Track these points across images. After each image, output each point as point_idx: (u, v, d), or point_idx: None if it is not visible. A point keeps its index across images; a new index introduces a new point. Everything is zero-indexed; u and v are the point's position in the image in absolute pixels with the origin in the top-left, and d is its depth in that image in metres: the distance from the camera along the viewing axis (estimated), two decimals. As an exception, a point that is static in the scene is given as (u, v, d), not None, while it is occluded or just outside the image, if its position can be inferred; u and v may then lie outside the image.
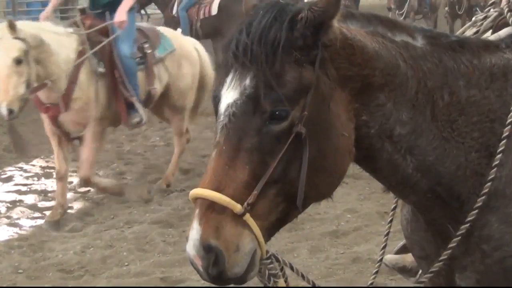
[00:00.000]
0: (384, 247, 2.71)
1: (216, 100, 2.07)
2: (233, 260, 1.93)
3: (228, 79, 2.03)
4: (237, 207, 1.92)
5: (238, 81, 2.01)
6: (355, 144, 2.15)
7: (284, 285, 2.10)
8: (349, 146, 2.12)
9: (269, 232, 2.04)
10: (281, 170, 1.98)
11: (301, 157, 1.98)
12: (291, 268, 2.19)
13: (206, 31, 13.28)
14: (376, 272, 2.68)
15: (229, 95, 2.02)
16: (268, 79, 1.96)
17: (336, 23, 2.07)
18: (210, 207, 1.94)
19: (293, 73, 1.99)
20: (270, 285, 2.05)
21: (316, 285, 2.41)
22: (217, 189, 1.94)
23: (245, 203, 1.93)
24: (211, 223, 1.93)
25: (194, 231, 1.93)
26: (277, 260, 2.08)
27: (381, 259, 2.73)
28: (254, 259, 1.97)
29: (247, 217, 1.93)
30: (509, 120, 2.29)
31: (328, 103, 2.05)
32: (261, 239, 1.97)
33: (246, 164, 1.96)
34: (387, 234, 2.72)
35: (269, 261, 2.04)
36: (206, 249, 1.91)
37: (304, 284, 2.39)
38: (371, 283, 2.69)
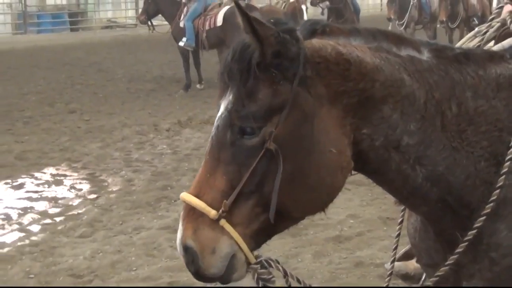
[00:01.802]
0: (394, 259, 2.71)
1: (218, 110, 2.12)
2: (208, 261, 2.01)
3: (224, 94, 2.09)
4: (212, 213, 1.99)
5: (226, 96, 2.07)
6: (360, 157, 2.16)
7: None
8: (340, 162, 2.11)
9: (256, 239, 2.07)
10: (256, 182, 2.02)
11: (275, 172, 2.00)
12: (285, 273, 2.17)
13: (212, 42, 13.34)
14: (389, 281, 2.69)
15: (220, 108, 2.08)
16: (241, 96, 2.01)
17: (331, 42, 2.11)
18: (191, 211, 2.03)
19: (266, 91, 2.02)
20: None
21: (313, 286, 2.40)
22: (197, 195, 2.03)
23: (220, 210, 1.99)
24: (190, 226, 2.03)
25: (178, 232, 2.05)
26: (269, 266, 2.09)
27: (391, 272, 2.72)
28: (234, 263, 2.04)
29: (224, 223, 2.00)
30: None
31: (312, 120, 2.05)
32: (243, 245, 2.02)
33: (223, 174, 2.03)
34: (395, 248, 2.72)
35: (258, 266, 2.07)
36: (185, 248, 2.02)
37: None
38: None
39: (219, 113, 2.08)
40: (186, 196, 2.05)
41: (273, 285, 2.10)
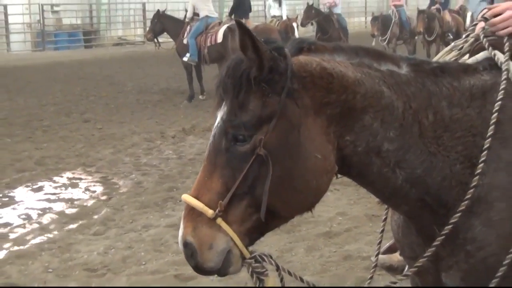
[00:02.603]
0: (378, 253, 2.71)
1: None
2: (206, 256, 2.04)
3: (220, 105, 2.11)
4: (209, 212, 2.02)
5: (222, 108, 2.09)
6: (344, 162, 2.17)
7: (273, 282, 2.12)
8: (325, 166, 2.12)
9: (250, 237, 2.09)
10: (248, 185, 2.04)
11: (265, 175, 2.02)
12: (277, 267, 2.20)
13: (213, 57, 13.37)
14: (373, 272, 2.68)
15: (217, 118, 2.11)
16: (234, 107, 2.04)
17: (316, 59, 2.13)
18: (191, 210, 2.07)
19: (256, 103, 2.04)
20: (253, 281, 2.10)
21: (309, 282, 2.40)
22: (196, 197, 2.06)
23: (217, 210, 2.02)
24: (190, 224, 2.06)
25: (180, 229, 2.09)
26: (263, 260, 2.11)
27: (375, 265, 2.72)
28: (229, 257, 2.06)
29: (220, 221, 2.03)
30: (489, 134, 2.28)
31: (298, 128, 2.06)
32: (238, 241, 2.05)
33: (219, 177, 2.06)
34: (380, 242, 2.72)
35: (252, 260, 2.09)
36: (184, 244, 2.06)
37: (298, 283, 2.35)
38: (369, 281, 2.69)
39: (216, 123, 2.10)
40: (187, 197, 2.08)
41: (267, 278, 2.11)
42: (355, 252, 5.32)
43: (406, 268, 2.63)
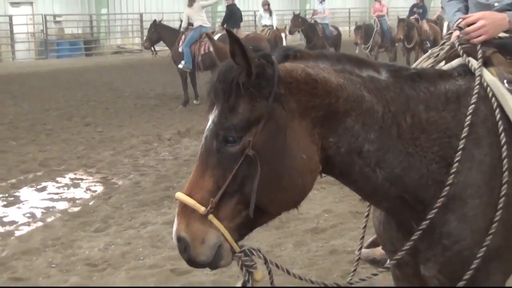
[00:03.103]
0: (361, 247, 2.72)
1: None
2: (198, 250, 2.04)
3: (211, 109, 2.12)
4: (201, 209, 2.02)
5: (213, 111, 2.10)
6: (328, 162, 2.17)
7: (261, 275, 2.12)
8: (310, 166, 2.13)
9: (239, 232, 2.09)
10: (238, 183, 2.04)
11: (254, 175, 2.02)
12: (265, 260, 2.20)
13: (206, 64, 13.37)
14: (356, 265, 2.71)
15: (209, 121, 2.11)
16: (224, 110, 2.04)
17: (301, 65, 2.14)
18: (184, 207, 2.06)
19: (245, 106, 2.04)
20: (243, 273, 2.10)
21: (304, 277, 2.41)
22: (189, 194, 2.06)
23: (208, 207, 2.02)
24: (183, 220, 2.05)
25: (174, 225, 2.08)
26: (252, 254, 2.11)
27: (358, 258, 2.75)
28: (220, 251, 2.06)
29: (212, 218, 2.02)
30: (463, 135, 2.30)
31: (284, 130, 2.07)
32: (228, 237, 2.05)
33: (211, 176, 2.06)
34: (362, 237, 2.73)
35: (241, 254, 2.09)
36: (178, 239, 2.05)
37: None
38: (353, 274, 2.69)
39: (207, 125, 2.11)
40: (180, 195, 2.08)
41: (256, 271, 2.11)
42: (340, 247, 5.33)
43: (388, 261, 2.65)
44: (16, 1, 25.50)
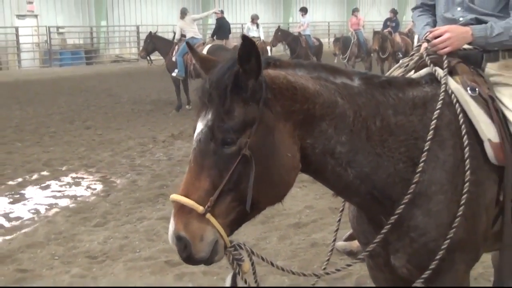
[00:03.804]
0: (335, 239, 2.73)
1: (194, 130, 2.10)
2: (198, 247, 1.98)
3: (202, 114, 2.07)
4: (200, 209, 1.97)
5: (204, 116, 2.05)
6: (305, 160, 2.16)
7: (248, 267, 2.11)
8: (293, 163, 2.12)
9: (231, 228, 2.06)
10: (233, 182, 2.00)
11: (249, 172, 2.00)
12: (252, 253, 2.19)
13: (198, 73, 13.29)
14: (330, 255, 2.71)
15: (199, 126, 2.06)
16: (220, 114, 2.00)
17: (282, 72, 2.13)
18: (181, 208, 1.99)
19: (240, 110, 2.01)
20: (234, 266, 2.07)
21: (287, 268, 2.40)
22: (186, 195, 1.99)
23: (206, 206, 1.97)
24: (181, 220, 1.98)
25: (170, 226, 2.00)
26: (240, 248, 2.09)
27: (332, 249, 2.75)
28: (216, 247, 2.01)
29: (209, 216, 1.98)
30: (428, 137, 2.31)
31: (273, 132, 2.06)
32: (223, 233, 2.00)
33: (207, 177, 2.00)
34: (337, 230, 2.74)
35: (232, 249, 2.06)
36: (178, 238, 1.98)
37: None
38: (326, 263, 2.70)
39: (199, 130, 2.06)
40: (177, 197, 2.01)
41: (243, 264, 2.09)
42: (320, 240, 5.35)
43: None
44: (22, 14, 25.36)
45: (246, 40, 1.97)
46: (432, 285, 2.43)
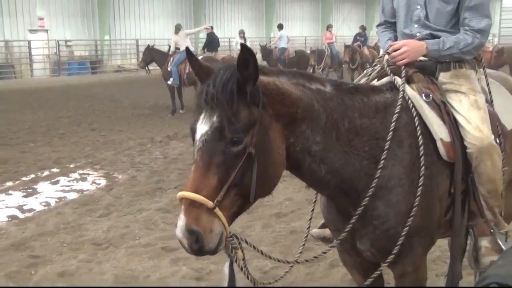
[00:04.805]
0: (309, 226, 2.75)
1: (193, 131, 2.03)
2: (209, 239, 1.90)
3: (201, 117, 2.00)
4: (210, 203, 1.89)
5: (208, 118, 1.98)
6: (287, 157, 2.15)
7: (241, 254, 2.08)
8: (283, 159, 2.12)
9: (231, 219, 2.01)
10: (238, 177, 1.95)
11: (252, 168, 1.96)
12: (246, 242, 2.17)
13: (190, 81, 13.33)
14: (305, 240, 2.72)
15: (202, 128, 1.98)
16: (229, 116, 1.94)
17: (271, 79, 2.10)
18: (191, 204, 1.90)
19: (245, 112, 1.97)
20: (232, 254, 2.03)
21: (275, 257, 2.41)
22: (195, 192, 1.90)
23: (215, 201, 1.90)
24: (192, 215, 1.89)
25: (181, 221, 1.90)
26: (237, 238, 2.06)
27: (307, 235, 2.77)
28: (222, 238, 1.95)
29: (217, 210, 1.91)
30: (388, 138, 2.33)
31: (268, 132, 2.04)
32: (226, 224, 1.95)
33: (215, 174, 1.93)
34: (310, 219, 2.76)
35: (231, 238, 2.01)
36: (190, 232, 1.88)
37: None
38: (302, 247, 2.71)
39: (203, 131, 1.97)
40: (187, 193, 1.90)
41: (238, 251, 2.05)
42: (299, 228, 5.37)
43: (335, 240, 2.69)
44: (34, 29, 25.13)
45: (245, 49, 1.95)
46: (395, 266, 2.46)
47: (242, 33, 19.22)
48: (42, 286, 4.26)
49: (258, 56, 18.95)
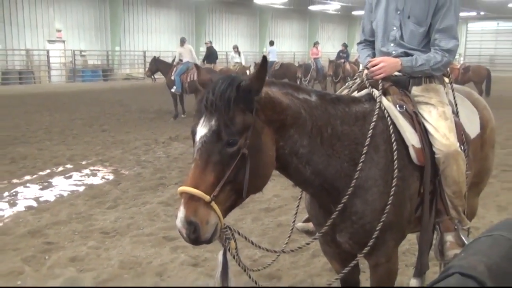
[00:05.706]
0: (295, 220, 2.74)
1: (193, 133, 2.03)
2: (205, 230, 1.89)
3: (201, 121, 2.00)
4: (207, 198, 1.88)
5: (207, 122, 1.98)
6: (276, 159, 2.15)
7: (234, 244, 2.07)
8: (273, 160, 2.11)
9: (226, 212, 2.00)
10: (233, 175, 1.94)
11: (245, 167, 1.96)
12: (238, 233, 2.15)
13: (192, 89, 13.33)
14: (291, 233, 2.71)
15: (202, 130, 1.98)
16: (226, 121, 1.94)
17: (264, 89, 2.09)
18: (191, 198, 1.89)
19: (240, 117, 1.97)
20: (226, 244, 2.02)
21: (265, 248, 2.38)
22: (194, 187, 1.89)
23: (212, 195, 1.89)
24: (191, 207, 1.88)
25: (181, 212, 1.89)
26: (230, 229, 2.05)
27: (292, 228, 2.76)
28: (217, 229, 1.94)
29: (213, 204, 1.90)
30: (366, 143, 2.34)
31: (260, 135, 2.03)
32: (221, 217, 1.94)
33: (212, 172, 1.92)
34: (296, 214, 2.75)
35: (225, 230, 2.00)
36: (188, 223, 1.87)
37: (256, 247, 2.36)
38: (288, 239, 2.71)
39: (202, 133, 1.96)
40: (187, 188, 1.89)
41: (231, 241, 2.03)
42: (285, 221, 5.37)
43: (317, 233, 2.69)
44: (52, 40, 25.04)
45: (265, 66, 1.95)
46: (370, 257, 2.47)
47: (236, 48, 19.22)
48: (38, 286, 4.08)
49: (252, 69, 18.92)
